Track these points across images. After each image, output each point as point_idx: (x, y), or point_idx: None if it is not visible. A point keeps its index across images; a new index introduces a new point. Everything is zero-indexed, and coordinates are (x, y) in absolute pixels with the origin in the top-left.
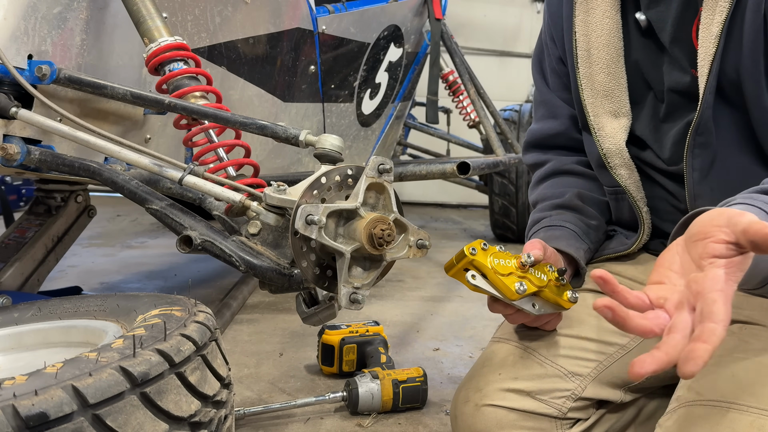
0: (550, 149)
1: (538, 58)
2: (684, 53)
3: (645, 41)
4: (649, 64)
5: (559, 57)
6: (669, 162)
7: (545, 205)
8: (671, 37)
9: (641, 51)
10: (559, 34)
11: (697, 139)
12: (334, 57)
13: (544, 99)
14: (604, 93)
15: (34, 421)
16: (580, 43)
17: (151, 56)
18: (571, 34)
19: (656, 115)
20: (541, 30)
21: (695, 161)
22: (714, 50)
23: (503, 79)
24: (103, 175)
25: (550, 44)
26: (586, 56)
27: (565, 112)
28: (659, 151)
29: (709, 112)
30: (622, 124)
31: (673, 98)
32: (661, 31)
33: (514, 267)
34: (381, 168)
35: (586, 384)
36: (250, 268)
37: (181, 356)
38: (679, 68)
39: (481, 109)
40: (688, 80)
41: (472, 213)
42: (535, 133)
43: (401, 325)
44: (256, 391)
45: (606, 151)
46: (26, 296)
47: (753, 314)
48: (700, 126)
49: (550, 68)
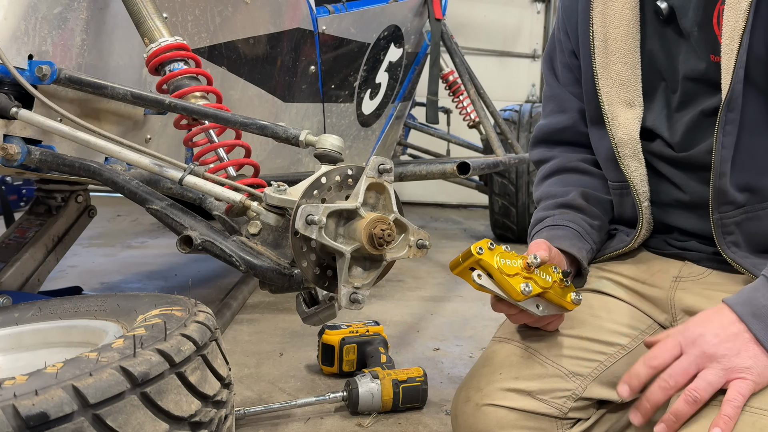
0: (556, 145)
1: (549, 56)
2: (704, 39)
3: (661, 30)
4: (663, 54)
5: (572, 50)
6: (680, 148)
7: (549, 203)
8: (692, 23)
9: (656, 41)
10: (574, 26)
11: (728, 116)
12: (335, 57)
13: (553, 94)
14: (620, 82)
15: (35, 421)
16: (597, 34)
17: (151, 56)
18: (588, 25)
19: (669, 105)
20: (554, 27)
21: (725, 139)
22: (744, 24)
23: (503, 79)
24: (104, 175)
25: (564, 39)
26: (603, 46)
27: (574, 105)
28: (670, 139)
29: (739, 87)
30: (635, 114)
31: (689, 87)
32: (683, 17)
33: (519, 267)
34: (381, 168)
35: (586, 384)
36: (250, 268)
37: (181, 356)
38: (697, 55)
39: (481, 109)
40: (704, 67)
41: (472, 213)
42: (543, 128)
43: (401, 325)
44: (256, 391)
45: (618, 140)
46: (26, 296)
47: None
48: (731, 101)
49: (562, 63)
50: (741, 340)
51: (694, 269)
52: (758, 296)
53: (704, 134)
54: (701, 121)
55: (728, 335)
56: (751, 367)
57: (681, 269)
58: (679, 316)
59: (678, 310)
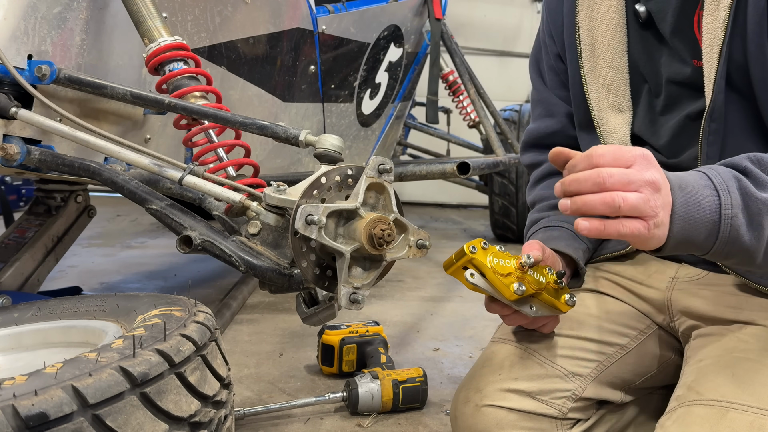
0: (547, 148)
1: (536, 58)
2: (685, 44)
3: (643, 33)
4: (645, 57)
5: (557, 54)
6: (668, 154)
7: (543, 205)
8: (672, 28)
9: (638, 44)
10: (559, 30)
11: (711, 126)
12: (334, 57)
13: (541, 98)
14: (608, 87)
15: (34, 421)
16: (583, 38)
17: (150, 56)
18: (573, 29)
19: (653, 109)
20: (539, 29)
21: (710, 149)
22: (723, 34)
23: (503, 79)
24: (103, 175)
25: (549, 41)
26: (590, 51)
27: (562, 110)
28: (656, 144)
29: (721, 97)
30: (625, 119)
31: (672, 90)
32: (661, 21)
33: (513, 268)
34: (381, 168)
35: (586, 384)
36: (250, 268)
37: (181, 356)
38: (679, 59)
39: (481, 109)
40: (688, 71)
41: (472, 213)
42: (533, 132)
43: (401, 325)
44: (256, 391)
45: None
46: (26, 296)
47: (753, 315)
48: (714, 112)
49: (548, 66)
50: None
51: (691, 270)
52: (689, 178)
53: (691, 140)
54: (687, 126)
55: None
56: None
57: (678, 270)
58: (676, 316)
59: (675, 311)
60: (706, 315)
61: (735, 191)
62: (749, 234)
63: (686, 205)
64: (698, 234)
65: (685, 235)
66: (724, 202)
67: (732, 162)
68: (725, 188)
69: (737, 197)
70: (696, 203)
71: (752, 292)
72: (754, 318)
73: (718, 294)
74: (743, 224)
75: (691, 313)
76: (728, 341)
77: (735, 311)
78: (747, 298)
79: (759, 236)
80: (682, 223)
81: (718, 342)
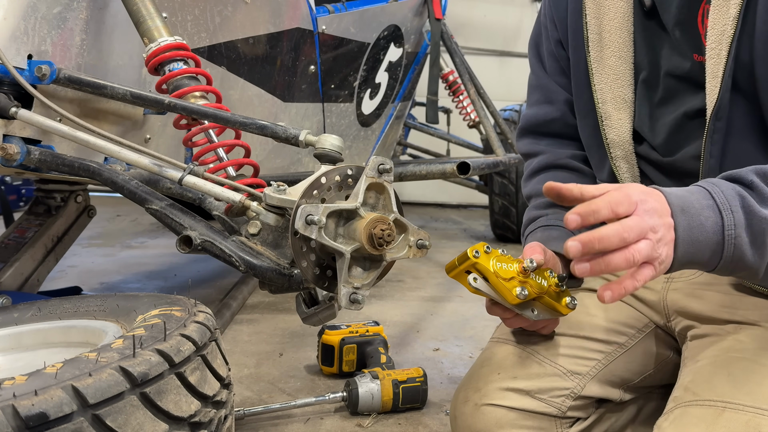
0: (544, 136)
1: (535, 42)
2: (687, 38)
3: (646, 23)
4: (645, 47)
5: (558, 40)
6: (664, 151)
7: (540, 202)
8: (675, 19)
9: (639, 33)
10: (562, 15)
11: (716, 125)
12: (334, 57)
13: (540, 83)
14: (614, 77)
15: (34, 421)
16: (591, 26)
17: (150, 56)
18: (579, 16)
19: (650, 101)
20: (540, 13)
21: (713, 147)
22: (732, 32)
23: (503, 79)
24: (103, 175)
25: (550, 27)
26: (597, 39)
27: (561, 97)
28: (653, 140)
29: (727, 96)
30: (627, 113)
31: (671, 83)
32: (665, 12)
33: (515, 271)
34: (381, 168)
35: (585, 383)
36: (250, 268)
37: (181, 356)
38: (680, 53)
39: (481, 109)
40: (688, 66)
41: (472, 213)
42: (530, 118)
43: (401, 325)
44: (256, 391)
45: (610, 141)
46: (26, 296)
47: (748, 314)
48: (720, 110)
49: (548, 52)
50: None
51: (686, 271)
52: (691, 199)
53: (688, 139)
54: (684, 124)
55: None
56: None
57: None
58: (672, 317)
59: (672, 311)
60: (701, 315)
61: (738, 210)
62: (752, 252)
63: (689, 228)
64: (702, 255)
65: (689, 258)
66: (727, 222)
67: (738, 175)
68: (728, 208)
69: (740, 216)
70: (699, 225)
71: (747, 291)
72: (749, 317)
73: (714, 294)
74: (746, 243)
75: (686, 314)
76: (724, 342)
77: (730, 311)
78: (742, 298)
79: (762, 254)
80: (686, 246)
81: (715, 343)
